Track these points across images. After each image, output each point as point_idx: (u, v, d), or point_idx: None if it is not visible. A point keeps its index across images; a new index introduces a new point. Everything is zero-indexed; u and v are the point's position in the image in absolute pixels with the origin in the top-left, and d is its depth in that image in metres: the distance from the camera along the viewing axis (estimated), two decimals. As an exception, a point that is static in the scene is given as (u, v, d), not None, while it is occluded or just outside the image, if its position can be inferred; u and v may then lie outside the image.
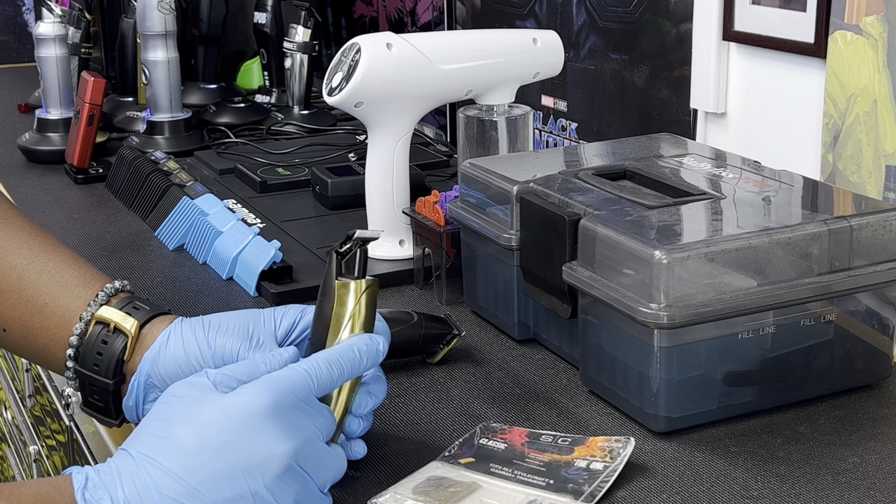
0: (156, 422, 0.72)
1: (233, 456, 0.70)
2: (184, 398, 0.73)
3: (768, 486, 0.82)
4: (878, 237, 0.93)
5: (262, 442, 0.71)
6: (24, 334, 0.88)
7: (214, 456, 0.70)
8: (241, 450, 0.71)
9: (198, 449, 0.70)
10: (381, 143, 1.23)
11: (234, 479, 0.70)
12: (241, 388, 0.73)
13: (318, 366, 0.76)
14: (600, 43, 1.48)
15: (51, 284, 0.87)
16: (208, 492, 0.70)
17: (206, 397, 0.73)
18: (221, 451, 0.70)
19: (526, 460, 0.84)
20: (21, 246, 0.89)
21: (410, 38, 1.20)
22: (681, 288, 0.86)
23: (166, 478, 0.69)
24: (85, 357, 0.85)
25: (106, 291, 0.87)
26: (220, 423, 0.71)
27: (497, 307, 1.10)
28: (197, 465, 0.70)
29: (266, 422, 0.72)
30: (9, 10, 2.72)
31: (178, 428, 0.71)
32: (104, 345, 0.85)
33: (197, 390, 0.73)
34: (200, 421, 0.71)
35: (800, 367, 0.92)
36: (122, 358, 0.84)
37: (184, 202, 1.37)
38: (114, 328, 0.85)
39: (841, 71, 1.11)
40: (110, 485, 0.69)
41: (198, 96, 2.06)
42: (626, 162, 1.09)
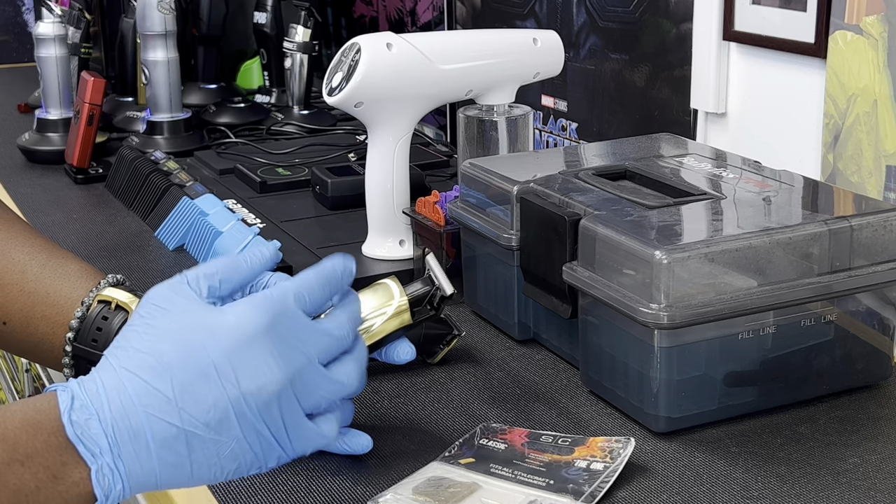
0: (139, 334, 0.70)
1: (220, 379, 0.68)
2: (168, 310, 0.71)
3: (768, 486, 0.82)
4: (879, 237, 0.93)
5: (253, 367, 0.69)
6: (24, 325, 0.88)
7: (200, 377, 0.68)
8: (230, 373, 0.68)
9: (183, 368, 0.68)
10: (381, 143, 1.23)
11: (221, 401, 0.68)
12: (231, 307, 0.71)
13: (308, 282, 0.74)
14: (600, 43, 1.48)
15: (53, 276, 0.88)
16: (194, 412, 0.68)
17: (191, 310, 0.70)
18: (208, 373, 0.68)
19: (526, 461, 0.84)
20: (24, 244, 0.90)
21: (410, 38, 1.20)
22: (681, 288, 0.86)
23: (151, 396, 0.67)
24: (84, 334, 0.86)
25: (108, 280, 0.88)
26: (208, 343, 0.69)
27: (497, 307, 1.10)
28: (183, 384, 0.68)
29: (258, 345, 0.69)
30: (9, 10, 2.72)
31: (163, 343, 0.69)
32: (104, 321, 0.86)
33: (182, 300, 0.71)
34: (187, 339, 0.69)
35: (800, 368, 0.92)
36: None
37: (184, 202, 1.37)
38: (115, 306, 0.86)
39: (841, 71, 1.11)
40: (96, 402, 0.67)
41: (198, 96, 2.06)
42: (627, 162, 1.09)
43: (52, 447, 0.66)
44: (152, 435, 0.67)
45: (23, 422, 0.66)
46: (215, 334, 0.69)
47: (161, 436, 0.67)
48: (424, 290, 0.87)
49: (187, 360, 0.68)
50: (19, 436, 0.65)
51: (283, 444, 0.71)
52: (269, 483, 0.84)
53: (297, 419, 0.71)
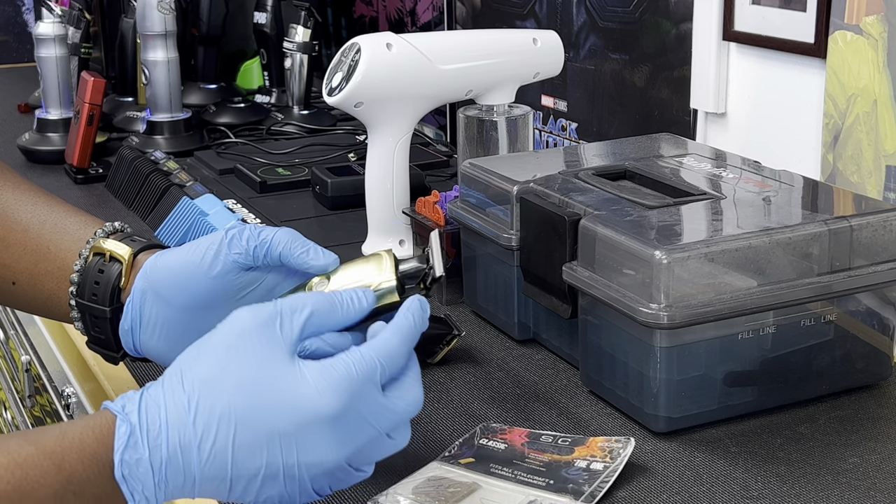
0: (217, 368, 0.70)
1: (281, 448, 0.69)
2: (249, 356, 0.70)
3: (768, 486, 0.82)
4: (879, 237, 0.93)
5: (317, 446, 0.70)
6: (31, 283, 0.89)
7: (263, 441, 0.69)
8: (292, 446, 0.69)
9: (249, 428, 0.69)
10: (381, 143, 1.23)
11: (274, 465, 0.69)
12: (313, 378, 0.70)
13: (392, 354, 0.73)
14: (600, 43, 1.48)
15: (53, 232, 0.89)
16: (247, 467, 0.69)
17: (273, 367, 0.70)
18: (271, 440, 0.69)
19: (526, 460, 0.84)
20: (27, 203, 0.91)
21: (410, 38, 1.20)
22: (681, 288, 0.86)
23: (210, 442, 0.68)
24: (84, 288, 0.86)
25: (104, 230, 0.88)
26: (281, 413, 0.69)
27: (497, 307, 1.10)
28: (243, 442, 0.69)
29: (327, 428, 0.70)
30: (9, 10, 2.72)
31: (237, 396, 0.69)
32: (100, 273, 0.86)
33: (267, 348, 0.70)
34: (261, 401, 0.69)
35: (800, 368, 0.92)
36: (118, 285, 0.85)
37: (184, 202, 1.37)
38: (109, 257, 0.86)
39: (841, 71, 1.11)
40: (154, 440, 0.68)
41: (198, 96, 2.06)
42: (626, 162, 1.09)
43: (105, 476, 0.67)
44: (200, 474, 0.69)
45: (81, 452, 0.67)
46: (290, 407, 0.69)
47: (209, 476, 0.69)
48: (416, 268, 0.83)
49: (256, 422, 0.69)
50: (76, 467, 0.67)
51: (321, 494, 0.73)
52: (269, 483, 0.84)
53: (346, 478, 0.73)
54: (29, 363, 1.55)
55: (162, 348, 0.84)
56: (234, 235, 0.81)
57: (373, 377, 0.71)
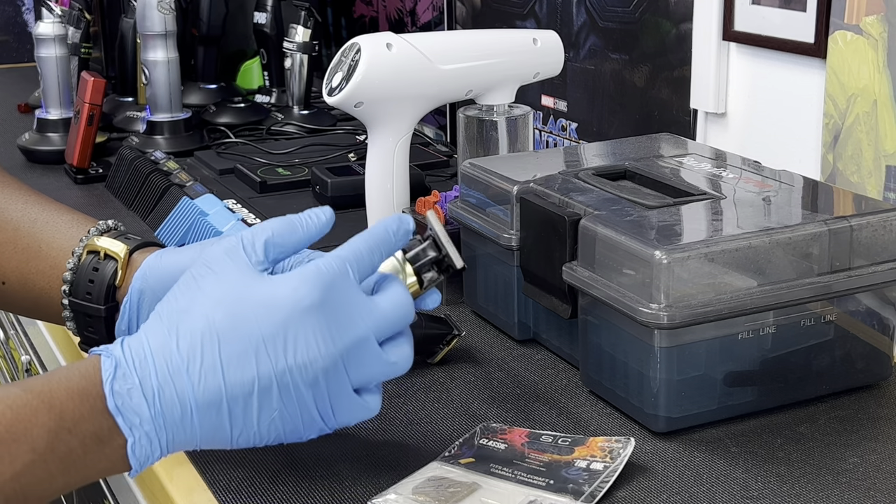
0: (191, 296, 0.70)
1: (268, 353, 0.69)
2: (221, 275, 0.71)
3: (768, 486, 0.82)
4: (879, 237, 0.93)
5: (304, 343, 0.69)
6: (22, 282, 0.88)
7: (249, 349, 0.69)
8: (279, 348, 0.69)
9: (233, 338, 0.69)
10: (381, 143, 1.23)
11: (266, 374, 0.69)
12: (284, 279, 0.70)
13: (359, 253, 0.73)
14: (600, 43, 1.48)
15: (45, 230, 0.88)
16: (239, 382, 0.69)
17: (245, 280, 0.70)
18: (257, 346, 0.69)
19: (526, 460, 0.84)
20: (17, 201, 0.90)
21: (410, 38, 1.20)
22: (681, 288, 0.86)
23: (197, 362, 0.68)
24: (77, 287, 0.85)
25: (98, 228, 0.88)
26: (260, 316, 0.69)
27: (497, 307, 1.10)
28: (230, 354, 0.68)
29: (310, 320, 0.69)
30: (9, 10, 2.72)
31: (215, 311, 0.69)
32: (95, 272, 0.85)
33: (235, 266, 0.71)
34: (239, 309, 0.69)
35: (800, 368, 0.92)
36: (114, 283, 0.84)
37: (184, 202, 1.37)
38: (104, 255, 0.85)
39: (841, 71, 1.11)
40: (142, 369, 0.68)
41: (198, 96, 2.06)
42: (626, 162, 1.09)
43: (98, 412, 0.67)
44: (195, 401, 0.68)
45: (68, 390, 0.67)
46: (268, 307, 0.69)
47: (204, 401, 0.68)
48: (431, 259, 0.81)
49: (238, 331, 0.69)
50: (66, 403, 0.66)
51: (325, 418, 0.71)
52: (270, 483, 0.84)
53: (344, 394, 0.71)
54: (29, 363, 1.55)
55: None
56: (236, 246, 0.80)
57: (343, 270, 0.72)
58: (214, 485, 0.84)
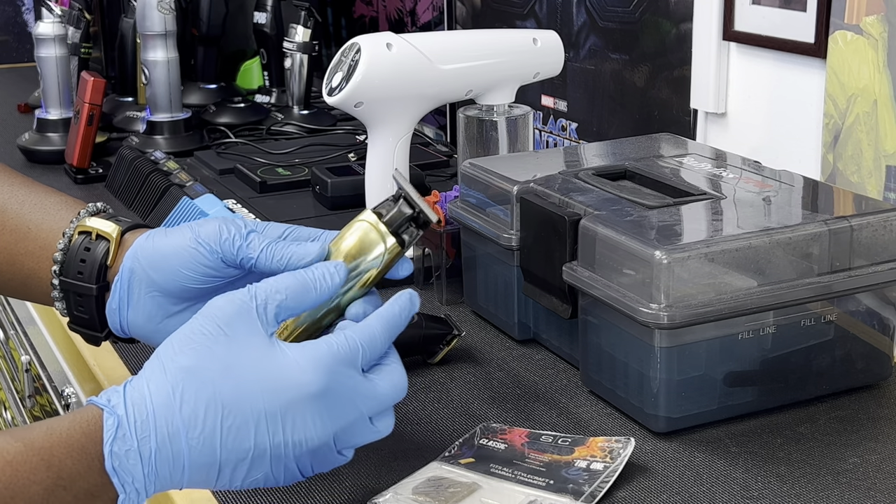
0: (199, 355, 0.70)
1: (268, 428, 0.70)
2: (231, 339, 0.71)
3: (768, 486, 0.82)
4: (879, 237, 0.93)
5: (302, 425, 0.71)
6: (10, 262, 0.88)
7: (250, 422, 0.70)
8: (278, 425, 0.70)
9: (236, 410, 0.70)
10: (381, 143, 1.23)
11: (262, 445, 0.70)
12: (296, 359, 0.71)
13: (374, 338, 0.74)
14: (600, 43, 1.48)
15: (33, 212, 0.88)
16: (234, 449, 0.70)
17: (256, 350, 0.71)
18: (258, 420, 0.70)
19: (526, 461, 0.84)
20: (3, 184, 0.90)
21: (410, 38, 1.20)
22: (681, 288, 0.86)
23: (197, 428, 0.69)
24: (69, 267, 0.85)
25: (88, 210, 0.88)
26: (266, 394, 0.70)
27: (497, 307, 1.10)
28: (231, 426, 0.69)
29: (313, 405, 0.71)
30: (8, 10, 2.72)
31: (224, 382, 0.70)
32: (87, 251, 0.85)
33: (247, 330, 0.71)
34: (246, 383, 0.70)
35: (800, 368, 0.92)
36: (105, 263, 0.84)
37: (184, 202, 1.37)
38: (96, 235, 0.85)
39: (841, 71, 1.11)
40: (142, 431, 0.68)
41: (198, 96, 2.06)
42: (626, 162, 1.09)
43: (95, 471, 0.68)
44: (189, 463, 0.69)
45: (69, 447, 0.68)
46: (275, 387, 0.71)
47: (198, 464, 0.70)
48: (406, 217, 0.79)
49: (241, 404, 0.70)
50: (65, 461, 0.67)
51: (305, 474, 0.74)
52: (269, 483, 0.84)
53: (329, 459, 0.74)
54: (29, 363, 1.55)
55: (150, 328, 0.83)
56: (227, 239, 0.80)
57: (354, 358, 0.73)
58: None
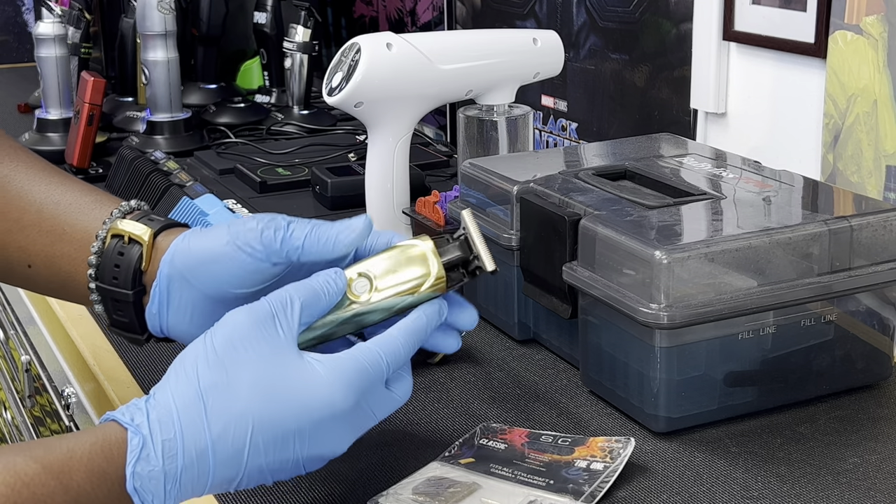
0: (225, 373, 0.70)
1: (296, 446, 0.71)
2: (259, 353, 0.71)
3: (768, 486, 0.82)
4: (879, 237, 0.93)
5: (329, 441, 0.72)
6: (48, 265, 0.87)
7: (278, 440, 0.70)
8: (306, 442, 0.71)
9: (265, 429, 0.70)
10: (381, 143, 1.23)
11: (287, 461, 0.71)
12: (322, 374, 0.71)
13: (398, 353, 0.75)
14: (600, 43, 1.48)
15: (68, 213, 0.87)
16: (257, 465, 0.70)
17: (281, 365, 0.71)
18: (286, 438, 0.71)
19: (526, 460, 0.84)
20: (40, 182, 0.89)
21: (410, 38, 1.20)
22: (681, 288, 0.86)
23: (226, 448, 0.69)
24: (103, 271, 0.84)
25: (121, 209, 0.86)
26: (298, 412, 0.71)
27: (497, 307, 1.10)
28: (258, 443, 0.70)
29: (339, 423, 0.72)
30: (8, 10, 2.72)
31: (252, 401, 0.70)
32: (120, 256, 0.84)
33: (269, 348, 0.71)
34: (276, 402, 0.70)
35: (800, 368, 0.92)
36: (140, 267, 0.83)
37: (184, 202, 1.37)
38: (128, 239, 0.84)
39: (841, 71, 1.11)
40: (169, 452, 0.68)
41: (198, 96, 2.06)
42: (627, 162, 1.09)
43: (114, 494, 0.67)
44: (213, 478, 0.70)
45: (89, 471, 0.67)
46: (306, 405, 0.71)
47: (221, 480, 0.70)
48: (459, 258, 0.79)
49: (273, 423, 0.70)
50: (83, 485, 0.67)
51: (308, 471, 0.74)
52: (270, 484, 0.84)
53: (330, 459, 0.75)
54: (29, 363, 1.55)
55: (192, 332, 0.81)
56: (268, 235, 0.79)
57: (380, 375, 0.74)
58: (214, 485, 0.84)
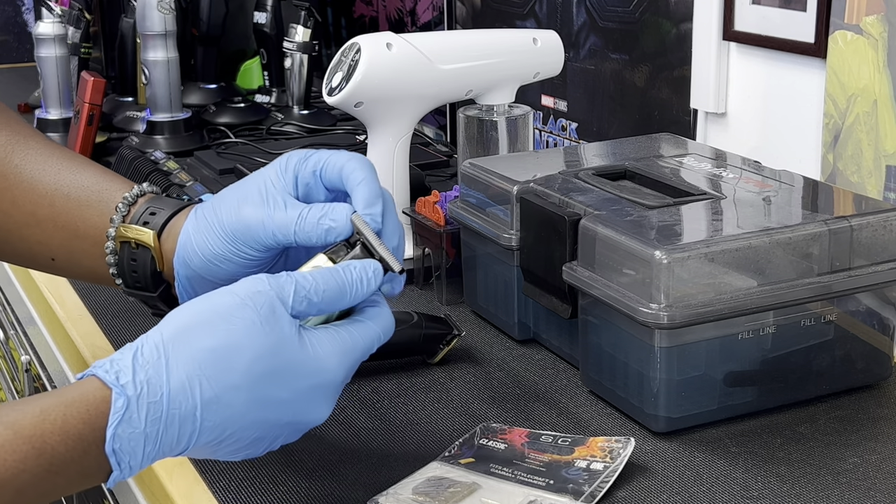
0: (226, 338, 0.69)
1: (283, 412, 0.71)
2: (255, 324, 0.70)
3: (768, 486, 0.82)
4: (879, 237, 0.93)
5: (315, 409, 0.72)
6: (70, 260, 0.88)
7: (262, 407, 0.70)
8: (292, 411, 0.71)
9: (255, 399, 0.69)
10: (381, 143, 1.23)
11: (263, 428, 0.71)
12: (317, 350, 0.71)
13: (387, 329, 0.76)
14: (600, 43, 1.48)
15: (78, 207, 0.87)
16: (239, 433, 0.70)
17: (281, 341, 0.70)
18: (271, 406, 0.70)
19: (526, 460, 0.84)
20: (50, 169, 0.88)
21: (410, 38, 1.20)
22: (681, 288, 0.86)
23: (213, 414, 0.68)
24: (125, 276, 0.86)
25: (125, 202, 0.86)
26: (289, 382, 0.70)
27: (497, 307, 1.10)
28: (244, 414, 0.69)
29: (332, 393, 0.73)
30: (8, 10, 2.72)
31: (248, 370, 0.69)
32: (134, 262, 0.85)
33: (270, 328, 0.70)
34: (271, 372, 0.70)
35: (800, 368, 0.92)
36: (156, 270, 0.85)
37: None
38: (136, 244, 0.85)
39: (841, 71, 1.11)
40: (153, 413, 0.66)
41: (198, 96, 2.06)
42: (627, 162, 1.09)
43: (91, 455, 0.66)
44: (196, 442, 0.69)
45: (64, 434, 0.65)
46: (296, 374, 0.71)
47: (203, 441, 0.69)
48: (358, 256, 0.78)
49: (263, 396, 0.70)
50: (58, 448, 0.65)
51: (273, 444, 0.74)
52: (270, 483, 0.84)
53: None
54: (29, 363, 1.55)
55: None
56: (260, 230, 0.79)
57: (371, 347, 0.75)
58: (214, 485, 0.84)
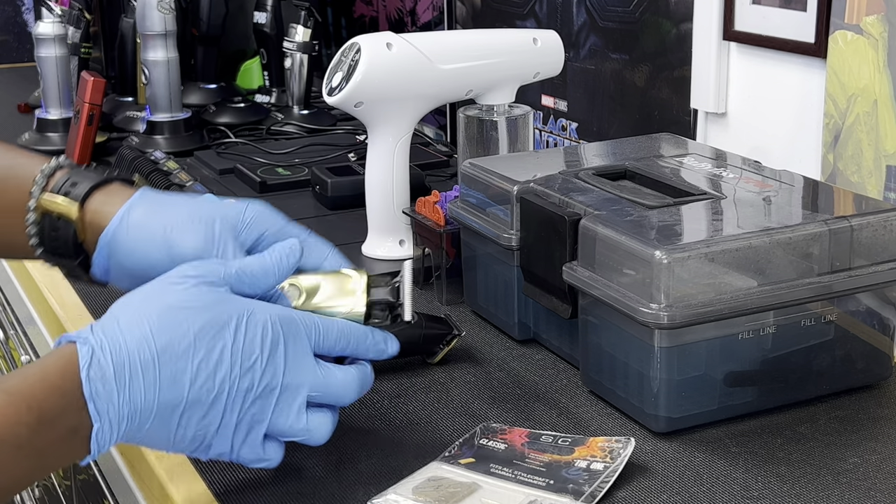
0: (167, 303, 0.74)
1: (235, 362, 0.74)
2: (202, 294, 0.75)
3: (769, 486, 0.82)
4: (879, 237, 0.93)
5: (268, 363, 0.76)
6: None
7: (216, 356, 0.74)
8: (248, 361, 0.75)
9: (206, 346, 0.73)
10: (381, 143, 1.23)
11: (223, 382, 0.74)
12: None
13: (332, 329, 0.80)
14: (600, 43, 1.48)
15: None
16: (197, 391, 0.73)
17: (227, 300, 0.76)
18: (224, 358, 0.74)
19: (526, 461, 0.84)
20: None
21: (410, 38, 1.20)
22: (681, 288, 0.86)
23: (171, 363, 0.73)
24: (45, 244, 0.87)
25: (43, 173, 0.86)
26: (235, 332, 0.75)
27: (497, 307, 1.10)
28: (199, 363, 0.73)
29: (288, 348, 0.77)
30: (8, 9, 2.72)
31: (195, 319, 0.74)
32: (56, 232, 0.86)
33: (209, 288, 0.76)
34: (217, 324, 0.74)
35: (800, 368, 0.92)
36: (77, 241, 0.85)
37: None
38: (57, 215, 0.85)
39: (841, 71, 1.11)
40: (118, 359, 0.71)
41: (198, 96, 2.06)
42: (627, 162, 1.09)
43: (74, 407, 0.70)
44: (159, 400, 0.72)
45: (46, 388, 0.70)
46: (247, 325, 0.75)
47: (165, 401, 0.72)
48: (385, 301, 0.84)
49: (214, 340, 0.74)
50: (46, 401, 0.69)
51: (234, 443, 0.76)
52: (270, 483, 0.84)
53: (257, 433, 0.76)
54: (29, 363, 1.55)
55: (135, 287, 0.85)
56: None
57: (310, 334, 0.79)
58: (214, 485, 0.84)
